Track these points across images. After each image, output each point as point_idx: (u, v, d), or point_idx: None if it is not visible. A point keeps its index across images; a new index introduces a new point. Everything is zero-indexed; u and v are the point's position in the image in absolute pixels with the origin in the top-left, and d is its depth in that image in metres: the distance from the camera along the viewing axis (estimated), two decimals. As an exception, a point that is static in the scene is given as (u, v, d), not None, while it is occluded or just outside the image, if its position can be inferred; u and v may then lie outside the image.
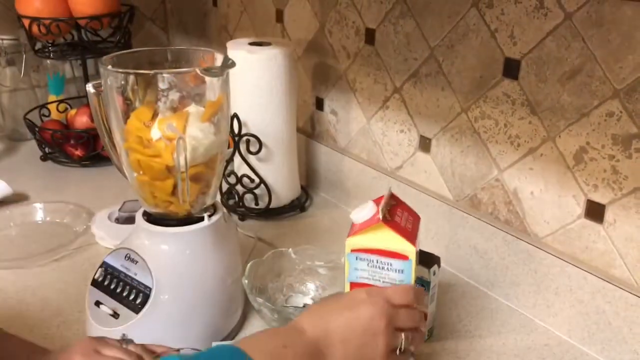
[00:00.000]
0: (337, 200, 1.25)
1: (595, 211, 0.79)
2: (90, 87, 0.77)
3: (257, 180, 1.14)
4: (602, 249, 0.79)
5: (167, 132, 0.72)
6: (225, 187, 1.19)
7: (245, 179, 1.15)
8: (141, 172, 0.75)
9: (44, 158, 1.42)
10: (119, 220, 1.09)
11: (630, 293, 0.75)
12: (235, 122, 1.10)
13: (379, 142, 1.13)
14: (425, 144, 1.03)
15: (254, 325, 0.85)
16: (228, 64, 0.74)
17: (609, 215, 0.77)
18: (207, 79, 0.74)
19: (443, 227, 1.00)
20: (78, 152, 1.38)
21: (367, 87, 1.12)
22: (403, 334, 0.65)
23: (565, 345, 0.83)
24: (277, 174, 1.16)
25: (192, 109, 0.75)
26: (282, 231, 1.13)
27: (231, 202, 1.19)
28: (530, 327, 0.87)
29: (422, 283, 0.80)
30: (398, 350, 0.64)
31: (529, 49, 0.82)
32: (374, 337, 0.62)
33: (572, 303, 0.82)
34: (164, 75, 0.72)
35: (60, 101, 1.50)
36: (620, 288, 0.76)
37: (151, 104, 0.74)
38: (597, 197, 0.78)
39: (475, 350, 0.81)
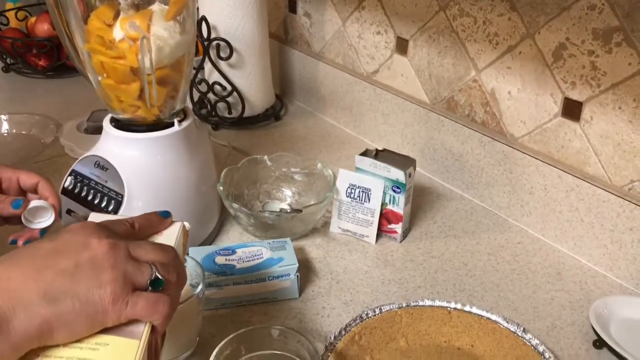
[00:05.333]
0: (312, 108, 1.23)
1: (572, 109, 0.78)
2: (45, -16, 0.72)
3: (229, 87, 1.11)
4: (577, 147, 0.79)
5: (130, 32, 0.68)
6: (196, 96, 1.15)
7: (216, 87, 1.11)
8: (105, 75, 0.72)
9: (6, 69, 1.36)
10: (87, 131, 1.06)
11: (604, 190, 0.76)
12: (204, 25, 1.05)
13: (354, 45, 1.09)
14: (402, 46, 1.00)
15: (231, 232, 0.85)
16: (192, -45, 0.69)
17: (586, 112, 0.77)
18: (170, -28, 0.69)
19: (419, 132, 0.99)
20: (42, 62, 1.32)
21: (341, -13, 1.07)
22: (153, 266, 0.45)
23: (538, 243, 0.84)
24: (250, 81, 1.12)
25: (156, 7, 0.70)
26: (257, 140, 1.12)
27: (203, 111, 1.16)
28: (504, 226, 0.88)
29: (397, 185, 0.80)
30: (150, 285, 0.44)
31: (510, -60, 0.78)
32: (92, 269, 0.42)
33: (546, 202, 0.83)
34: (123, -33, 0.67)
35: (19, 8, 1.42)
36: (594, 185, 0.76)
37: (112, 2, 0.70)
38: (575, 95, 0.77)
39: (450, 250, 0.83)
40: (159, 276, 0.44)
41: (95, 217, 0.54)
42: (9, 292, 0.40)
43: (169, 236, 0.52)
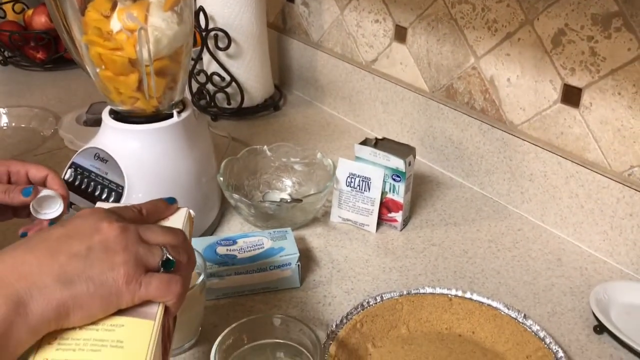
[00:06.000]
0: (311, 97, 1.23)
1: (571, 95, 0.78)
2: (41, -24, 0.72)
3: (227, 78, 1.10)
4: (577, 134, 0.79)
5: (128, 23, 0.68)
6: (195, 87, 1.15)
7: (215, 77, 1.11)
8: (103, 67, 0.71)
9: (4, 62, 1.36)
10: (87, 123, 1.06)
11: (603, 176, 0.76)
12: (202, 16, 1.05)
13: (353, 34, 1.09)
14: (400, 34, 0.99)
15: (232, 222, 0.85)
16: (188, -55, 0.69)
17: (585, 98, 0.77)
18: (167, -37, 0.69)
19: (419, 120, 0.99)
20: (40, 55, 1.32)
21: (339, -24, 1.07)
22: (163, 247, 0.45)
23: (538, 230, 0.84)
24: (249, 72, 1.12)
25: (153, -3, 0.70)
26: (256, 130, 1.12)
27: (202, 102, 1.16)
28: (504, 213, 0.88)
29: (397, 173, 0.80)
30: (162, 266, 0.45)
31: None
32: (104, 252, 0.42)
33: (546, 188, 0.83)
34: (120, -42, 0.67)
35: (16, 1, 1.42)
36: (594, 171, 0.76)
37: (109, -7, 0.69)
38: (574, 81, 0.77)
39: (450, 238, 0.83)
40: (170, 257, 0.45)
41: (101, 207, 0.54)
42: (25, 277, 0.40)
43: (175, 221, 0.52)
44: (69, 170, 0.77)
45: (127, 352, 0.41)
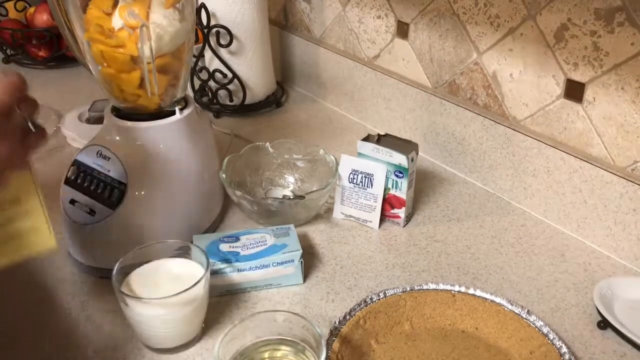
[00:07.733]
0: (314, 94, 1.23)
1: (574, 90, 0.78)
2: (42, -26, 0.72)
3: (230, 75, 1.10)
4: (580, 129, 0.79)
5: (129, 20, 0.68)
6: (197, 84, 1.15)
7: (217, 74, 1.11)
8: (105, 64, 0.71)
9: (6, 60, 1.36)
10: (89, 121, 1.06)
11: (607, 171, 0.75)
12: (203, 13, 1.05)
13: (355, 30, 1.09)
14: (402, 30, 0.99)
15: (234, 219, 0.85)
16: (189, -59, 0.68)
17: (588, 94, 0.76)
18: (169, -41, 0.69)
19: (421, 116, 0.99)
20: (42, 53, 1.32)
21: (341, -28, 1.06)
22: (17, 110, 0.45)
23: (541, 225, 0.84)
24: (251, 68, 1.12)
25: (155, -6, 0.70)
26: (259, 127, 1.12)
27: (205, 99, 1.16)
28: (507, 209, 0.88)
29: (400, 170, 0.80)
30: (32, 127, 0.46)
31: None
32: None
33: (549, 184, 0.83)
34: (121, -45, 0.67)
35: (17, -1, 1.42)
36: (597, 166, 0.76)
37: (111, -10, 0.69)
38: (577, 76, 0.77)
39: (453, 234, 0.83)
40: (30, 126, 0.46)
41: None
42: None
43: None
44: (72, 168, 0.77)
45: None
